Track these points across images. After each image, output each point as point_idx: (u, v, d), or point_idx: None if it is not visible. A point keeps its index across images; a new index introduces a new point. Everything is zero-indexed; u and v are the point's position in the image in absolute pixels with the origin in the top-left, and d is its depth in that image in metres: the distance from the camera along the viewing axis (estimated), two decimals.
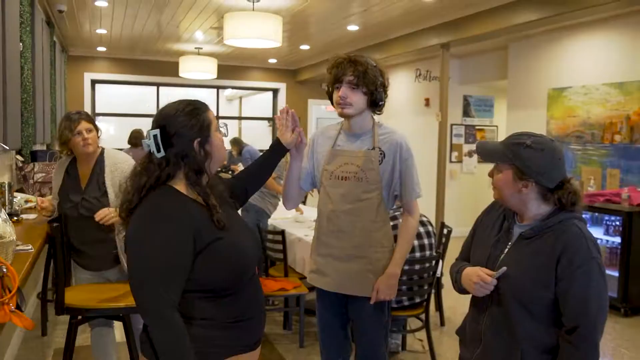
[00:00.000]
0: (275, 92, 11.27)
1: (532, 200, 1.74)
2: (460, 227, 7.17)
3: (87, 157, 2.82)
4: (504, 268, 1.72)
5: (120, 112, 10.61)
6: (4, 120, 3.39)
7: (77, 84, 9.40)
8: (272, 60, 10.16)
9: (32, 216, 3.15)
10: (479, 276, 1.74)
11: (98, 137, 2.84)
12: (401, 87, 9.50)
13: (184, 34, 7.70)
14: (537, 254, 1.69)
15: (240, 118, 13.53)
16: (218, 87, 10.81)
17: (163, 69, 9.78)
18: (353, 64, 2.22)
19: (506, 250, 1.78)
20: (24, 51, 4.15)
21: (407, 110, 9.39)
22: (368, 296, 2.32)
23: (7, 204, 3.10)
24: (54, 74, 6.45)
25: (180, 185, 1.69)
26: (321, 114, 16.31)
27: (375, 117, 2.40)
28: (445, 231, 4.63)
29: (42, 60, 5.42)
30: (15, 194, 3.71)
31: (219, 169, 1.94)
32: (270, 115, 11.59)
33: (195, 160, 1.69)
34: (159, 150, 1.67)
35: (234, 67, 10.39)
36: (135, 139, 7.50)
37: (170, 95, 10.85)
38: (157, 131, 1.68)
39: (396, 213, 3.25)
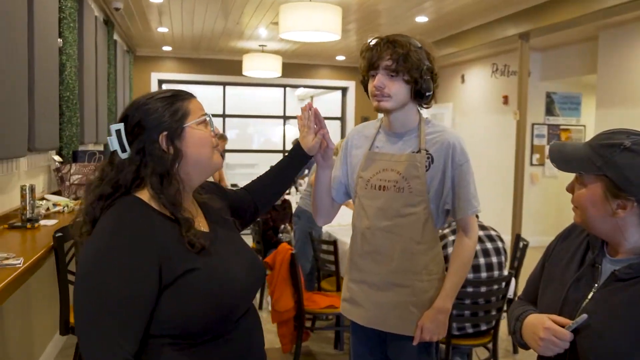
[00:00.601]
0: (344, 90, 10.86)
1: (632, 226, 1.23)
2: (540, 236, 6.50)
3: None
4: (584, 316, 1.21)
5: None
6: (31, 119, 3.19)
7: (144, 84, 9.42)
8: (340, 58, 9.76)
9: (52, 222, 2.91)
10: (548, 329, 1.24)
11: None
12: (476, 83, 8.82)
13: (247, 31, 7.46)
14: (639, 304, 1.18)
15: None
16: (285, 86, 10.53)
17: (228, 67, 9.61)
18: (391, 46, 1.76)
19: (591, 294, 1.27)
20: (65, 47, 3.97)
21: (483, 108, 8.70)
22: (410, 335, 1.86)
23: (27, 208, 2.88)
24: (113, 73, 6.36)
25: (148, 195, 1.32)
26: None
27: (424, 112, 1.94)
28: (520, 245, 4.04)
29: (96, 59, 5.30)
30: (49, 196, 3.53)
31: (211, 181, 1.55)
32: (340, 115, 11.18)
33: (159, 159, 1.31)
34: (123, 150, 1.31)
35: (300, 65, 10.08)
36: None
37: (237, 94, 10.72)
38: (120, 125, 1.32)
39: (446, 231, 2.76)
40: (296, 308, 3.48)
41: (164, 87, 10.01)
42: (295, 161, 1.78)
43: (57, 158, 3.81)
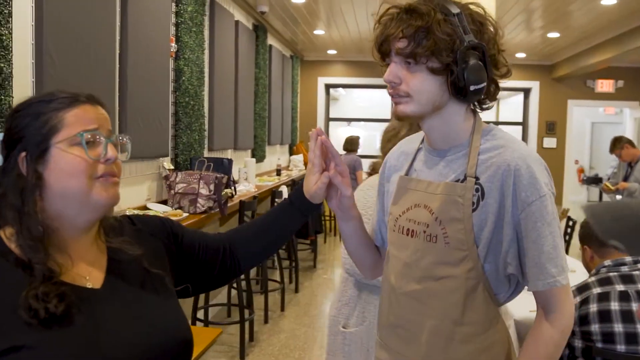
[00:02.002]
0: (526, 92, 9.65)
1: None
2: None
3: None
4: None
5: (355, 117, 10.35)
6: (121, 126, 3.07)
7: (310, 89, 9.38)
8: (520, 55, 8.65)
9: None
10: None
11: None
12: None
13: None
14: None
15: (497, 123, 11.98)
16: None
17: None
18: (406, 17, 1.13)
19: None
20: (183, 52, 3.86)
21: None
22: None
23: None
24: (264, 78, 6.28)
25: (9, 230, 1.00)
26: (597, 117, 13.63)
27: (485, 116, 1.26)
28: None
29: (236, 63, 5.22)
30: (152, 205, 3.41)
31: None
32: (522, 120, 9.97)
33: (14, 186, 0.97)
34: None
35: None
36: (350, 144, 7.22)
37: None
38: (0, 134, 1.03)
39: (591, 279, 1.93)
40: None
41: (331, 92, 9.88)
42: (293, 209, 1.29)
43: (167, 165, 3.71)
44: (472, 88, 1.12)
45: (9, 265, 0.95)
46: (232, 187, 3.97)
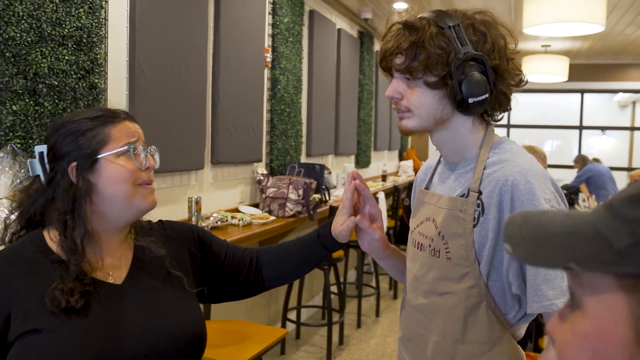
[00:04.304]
0: None
1: None
2: None
3: None
4: None
5: None
6: (214, 133, 3.28)
7: None
8: None
9: None
10: None
11: None
12: None
13: (528, 29, 6.59)
14: None
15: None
16: (582, 91, 9.05)
17: None
18: (404, 32, 1.12)
19: None
20: (279, 62, 4.03)
21: None
22: None
23: (192, 219, 2.96)
24: (369, 84, 6.33)
25: (53, 232, 1.15)
26: None
27: (501, 130, 1.21)
28: None
29: (338, 71, 5.32)
30: (243, 207, 3.61)
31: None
32: None
33: (65, 194, 1.12)
34: (46, 176, 1.17)
35: (600, 66, 8.50)
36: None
37: (521, 102, 9.63)
38: (44, 147, 1.16)
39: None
40: None
41: None
42: (318, 244, 1.33)
43: (260, 170, 3.89)
44: (470, 100, 1.09)
45: (47, 261, 1.10)
46: (324, 193, 4.06)
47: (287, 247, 1.39)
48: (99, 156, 1.13)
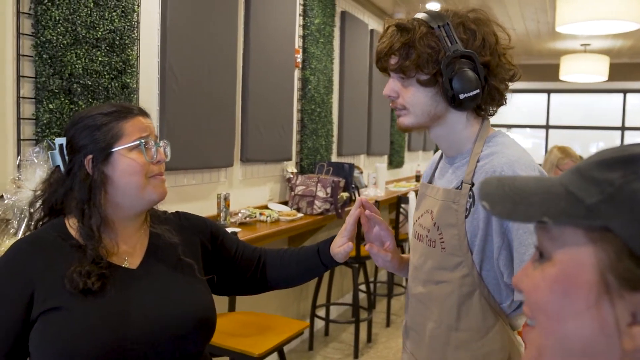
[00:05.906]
0: None
1: None
2: None
3: None
4: None
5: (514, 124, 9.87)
6: (244, 132, 3.38)
7: None
8: None
9: (236, 230, 2.99)
10: None
11: None
12: None
13: (561, 28, 6.48)
14: None
15: None
16: (625, 91, 8.81)
17: (547, 72, 8.53)
18: (396, 33, 1.19)
19: None
20: (309, 62, 4.10)
21: None
22: None
23: (220, 215, 3.06)
24: None
25: (73, 220, 1.26)
26: None
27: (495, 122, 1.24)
28: None
29: (371, 72, 5.36)
30: (272, 204, 3.69)
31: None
32: None
33: (82, 184, 1.21)
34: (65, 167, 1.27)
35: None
36: None
37: (561, 102, 9.46)
38: (63, 140, 1.27)
39: None
40: None
41: None
42: (317, 259, 1.41)
43: (290, 168, 3.97)
44: (462, 96, 1.14)
45: (67, 246, 1.20)
46: (352, 192, 4.11)
47: (290, 255, 1.46)
48: (113, 150, 1.22)
